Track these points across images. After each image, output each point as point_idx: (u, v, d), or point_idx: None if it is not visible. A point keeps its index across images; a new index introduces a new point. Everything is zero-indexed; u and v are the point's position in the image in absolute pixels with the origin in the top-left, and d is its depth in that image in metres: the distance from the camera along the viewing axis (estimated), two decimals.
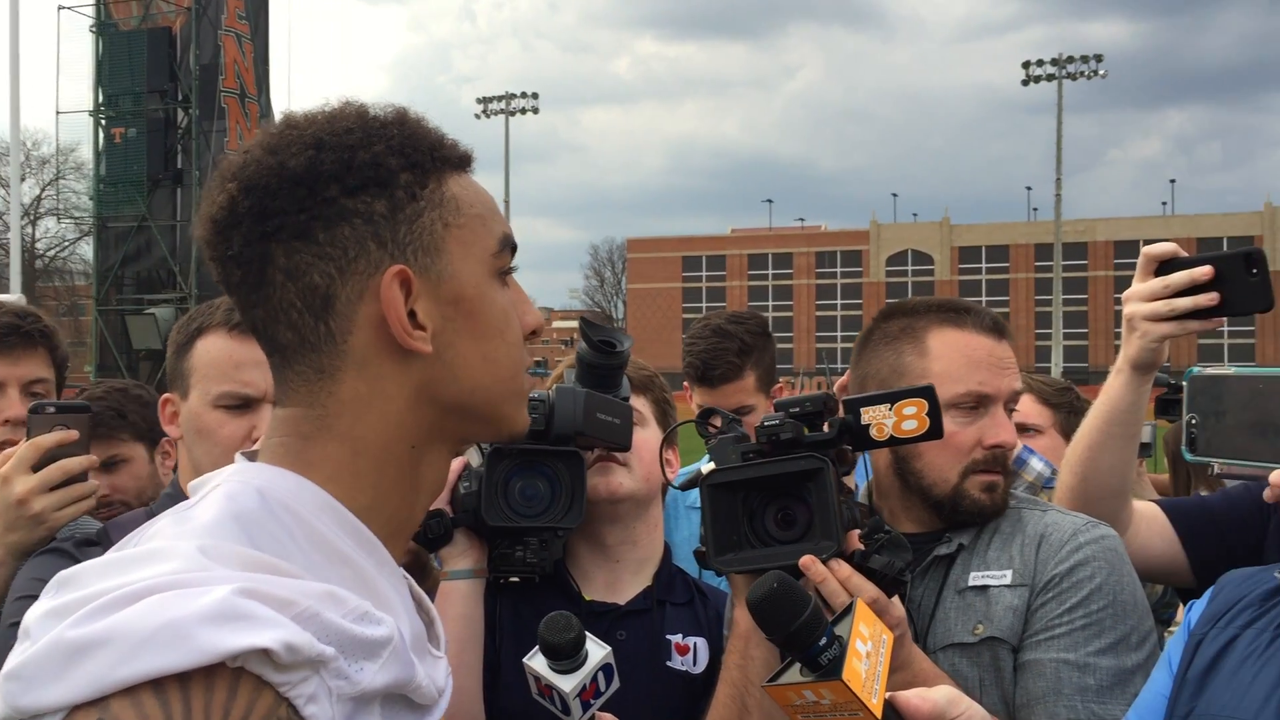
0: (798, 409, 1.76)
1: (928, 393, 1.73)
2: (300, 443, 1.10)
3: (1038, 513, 1.95)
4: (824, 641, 1.26)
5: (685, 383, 3.41)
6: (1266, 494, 1.57)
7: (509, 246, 1.17)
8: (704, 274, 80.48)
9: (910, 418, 1.73)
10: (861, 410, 1.75)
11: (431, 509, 1.88)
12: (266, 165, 1.09)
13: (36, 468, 1.90)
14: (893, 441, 1.75)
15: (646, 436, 2.08)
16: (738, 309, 3.96)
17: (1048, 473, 2.70)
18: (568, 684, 1.63)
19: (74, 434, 1.95)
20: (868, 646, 1.27)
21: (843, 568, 1.66)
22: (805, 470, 1.71)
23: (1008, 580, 1.86)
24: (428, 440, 1.13)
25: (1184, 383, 1.62)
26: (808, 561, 1.66)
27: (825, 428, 1.74)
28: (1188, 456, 1.55)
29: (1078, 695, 1.76)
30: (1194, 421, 1.54)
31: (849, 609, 1.32)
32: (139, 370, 20.88)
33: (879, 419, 1.74)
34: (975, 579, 1.88)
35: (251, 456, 1.13)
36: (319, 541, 1.04)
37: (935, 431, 1.73)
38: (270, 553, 0.99)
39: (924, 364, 1.94)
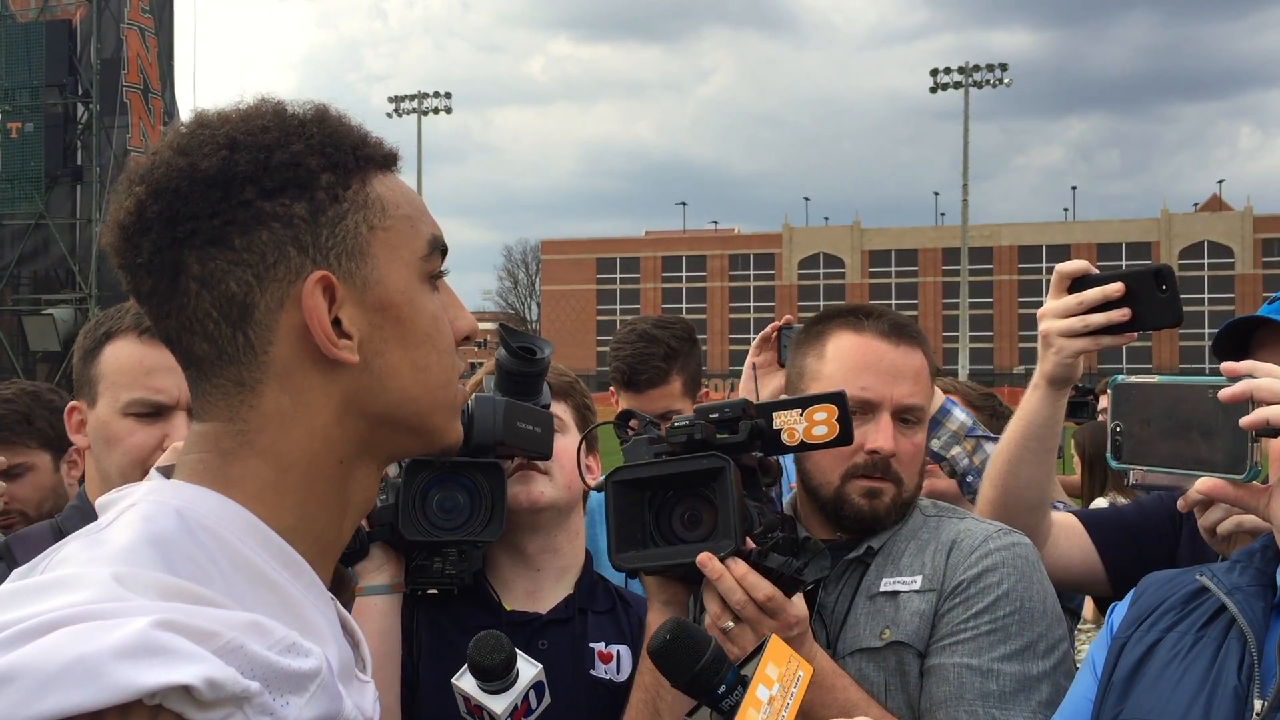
0: (716, 414, 1.77)
1: (838, 399, 1.76)
2: (220, 459, 1.04)
3: (954, 520, 1.98)
4: (726, 685, 1.28)
5: (611, 387, 3.41)
6: (1180, 503, 1.60)
7: (439, 249, 1.12)
8: (618, 276, 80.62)
9: (820, 423, 1.75)
10: (774, 415, 1.77)
11: None
12: (176, 167, 1.03)
13: None
14: (803, 446, 1.78)
15: (567, 443, 2.06)
16: (661, 314, 3.97)
17: (970, 422, 2.75)
18: (499, 705, 1.60)
19: None
20: (772, 690, 1.26)
21: (738, 565, 1.66)
22: (707, 469, 1.71)
23: (917, 586, 1.87)
24: (356, 455, 1.08)
25: (1108, 391, 1.65)
26: (703, 559, 1.66)
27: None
28: (1113, 464, 1.58)
29: (979, 700, 1.77)
30: (1119, 430, 1.57)
31: (760, 647, 1.32)
32: (36, 372, 20.20)
33: (790, 424, 1.76)
34: (886, 584, 1.89)
35: (168, 473, 1.07)
36: (243, 565, 0.99)
37: (845, 437, 1.76)
38: (191, 579, 0.94)
39: (819, 366, 1.99)
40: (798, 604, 1.70)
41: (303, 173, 1.03)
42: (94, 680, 0.82)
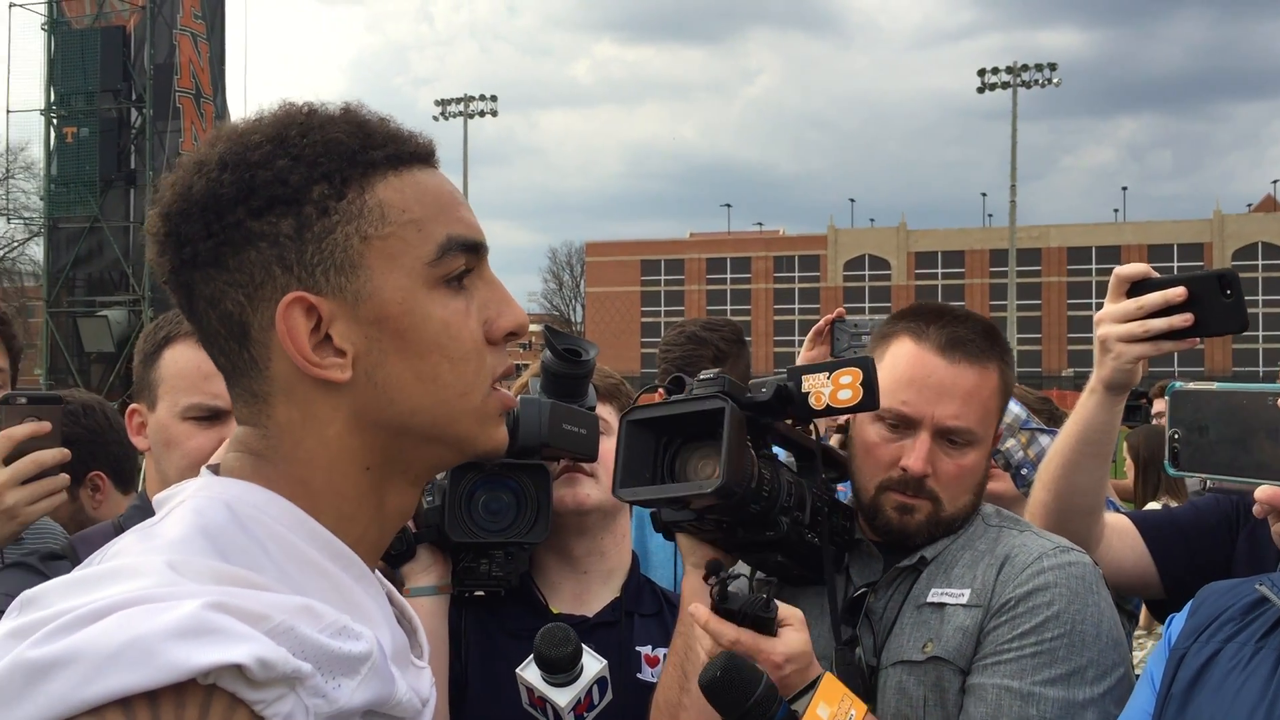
0: (765, 386, 1.78)
1: (865, 364, 1.74)
2: (254, 460, 1.06)
3: (1013, 533, 1.91)
4: None
5: (660, 390, 3.42)
6: (1256, 510, 1.55)
7: (458, 248, 1.06)
8: (662, 278, 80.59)
9: (845, 387, 1.73)
10: (803, 377, 1.75)
11: None
12: (180, 189, 1.04)
13: (8, 460, 1.84)
14: (829, 411, 1.75)
15: (613, 446, 2.05)
16: (706, 316, 3.97)
17: (1024, 415, 2.72)
18: (563, 698, 1.61)
19: (46, 426, 1.89)
20: None
21: (700, 612, 1.62)
22: (710, 410, 1.69)
23: (964, 600, 1.82)
24: (385, 463, 1.07)
25: (1166, 397, 1.62)
26: (694, 609, 1.64)
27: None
28: (1171, 471, 1.56)
29: None
30: (1177, 437, 1.54)
31: (815, 683, 1.31)
32: (90, 373, 20.58)
33: (817, 387, 1.74)
34: (934, 595, 1.85)
35: (214, 470, 1.09)
36: (293, 554, 1.00)
37: (870, 403, 1.73)
38: (242, 566, 0.95)
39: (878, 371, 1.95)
40: (787, 641, 1.62)
41: (288, 189, 1.02)
42: (148, 661, 0.83)
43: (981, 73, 47.96)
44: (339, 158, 1.03)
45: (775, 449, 1.88)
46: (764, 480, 1.73)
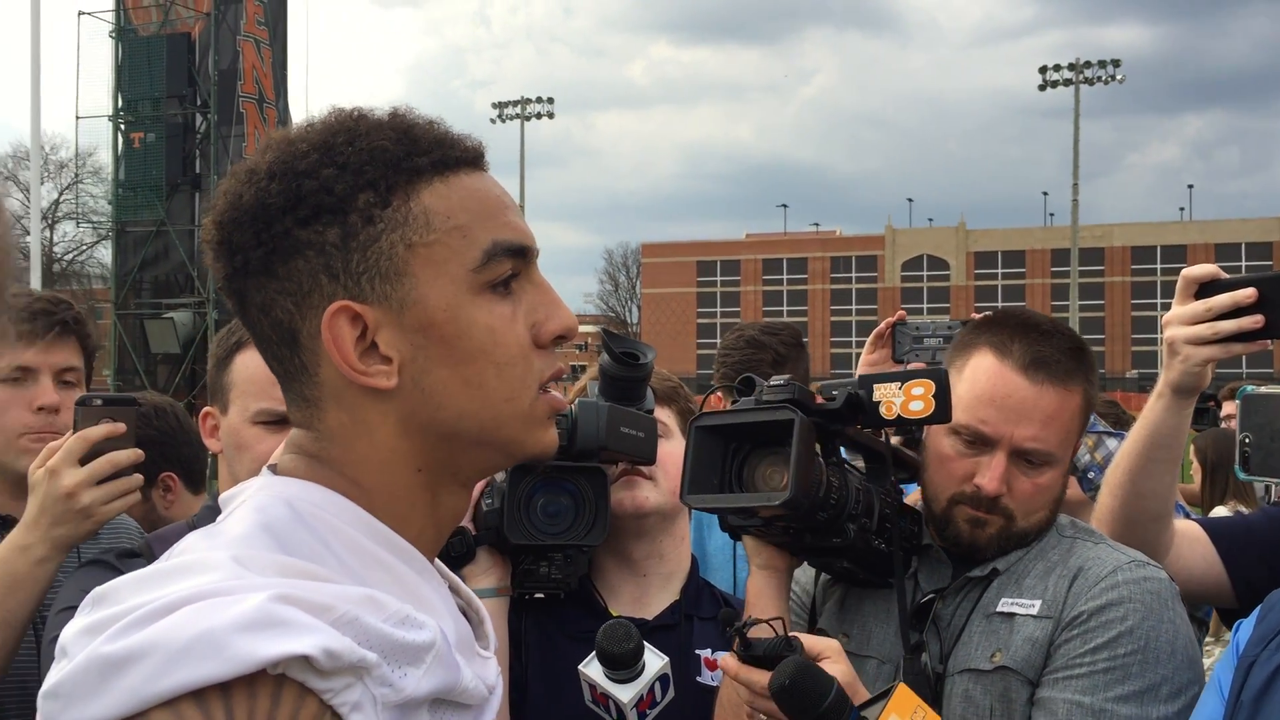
0: (836, 393, 1.77)
1: (938, 376, 1.72)
2: (311, 460, 1.08)
3: (1087, 545, 1.87)
4: None
5: (718, 392, 3.43)
6: None
7: (503, 253, 1.06)
8: (719, 279, 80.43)
9: (918, 398, 1.71)
10: (874, 386, 1.74)
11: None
12: (232, 198, 1.06)
13: (84, 461, 1.88)
14: (900, 421, 1.74)
15: (672, 448, 2.05)
16: (762, 316, 3.98)
17: (1098, 425, 2.68)
18: (625, 694, 1.61)
19: (121, 427, 1.93)
20: None
21: (729, 664, 1.60)
22: (779, 421, 1.69)
23: (1034, 611, 1.79)
24: (436, 466, 1.08)
25: (1237, 401, 1.59)
26: (723, 660, 1.63)
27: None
28: (1241, 475, 1.53)
29: None
30: (1248, 441, 1.51)
31: (888, 692, 1.31)
32: (157, 374, 20.98)
33: (889, 397, 1.73)
34: (1004, 605, 1.82)
35: (274, 469, 1.11)
36: (353, 547, 1.02)
37: (942, 415, 1.71)
38: (305, 559, 0.97)
39: (956, 381, 1.89)
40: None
41: (333, 198, 1.03)
42: (218, 653, 0.85)
43: (1043, 70, 47.25)
44: (384, 165, 1.04)
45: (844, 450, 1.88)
46: (832, 488, 1.73)
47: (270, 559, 0.95)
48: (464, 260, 1.05)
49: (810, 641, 1.60)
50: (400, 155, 1.05)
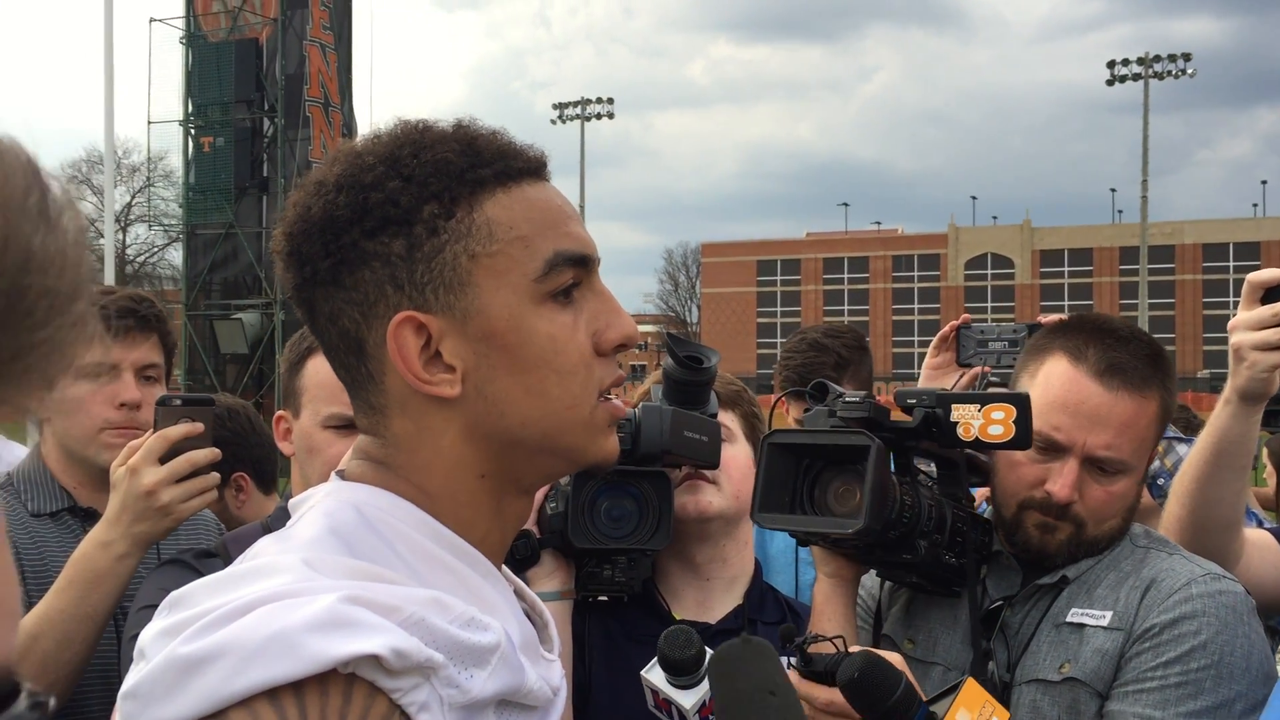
0: (913, 400, 1.76)
1: (1020, 401, 1.70)
2: (377, 466, 1.11)
3: (1161, 556, 1.84)
4: None
5: (781, 399, 3.43)
6: None
7: (565, 262, 1.08)
8: (779, 278, 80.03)
9: (998, 423, 1.70)
10: (953, 406, 1.73)
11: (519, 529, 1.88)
12: (301, 210, 1.09)
13: (163, 460, 1.92)
14: (978, 444, 1.73)
15: (735, 452, 2.06)
16: (822, 316, 3.97)
17: (1168, 431, 2.63)
18: (688, 700, 1.61)
19: (200, 427, 1.98)
20: None
21: (792, 677, 1.59)
22: (855, 445, 1.69)
23: (1105, 622, 1.76)
24: (499, 471, 1.10)
25: None
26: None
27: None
28: None
29: None
30: None
31: (955, 687, 1.31)
32: (226, 374, 21.39)
33: (967, 418, 1.72)
34: (1074, 615, 1.79)
35: (341, 475, 1.13)
36: (419, 551, 1.04)
37: (1022, 441, 1.69)
38: (371, 562, 1.00)
39: (1030, 386, 1.87)
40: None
41: (399, 210, 1.05)
42: (291, 653, 0.88)
43: (1111, 64, 46.40)
44: (448, 177, 1.06)
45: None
46: (905, 507, 1.73)
47: (338, 562, 0.98)
48: (526, 270, 1.07)
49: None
50: (464, 167, 1.07)
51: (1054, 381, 1.84)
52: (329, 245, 1.06)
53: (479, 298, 1.06)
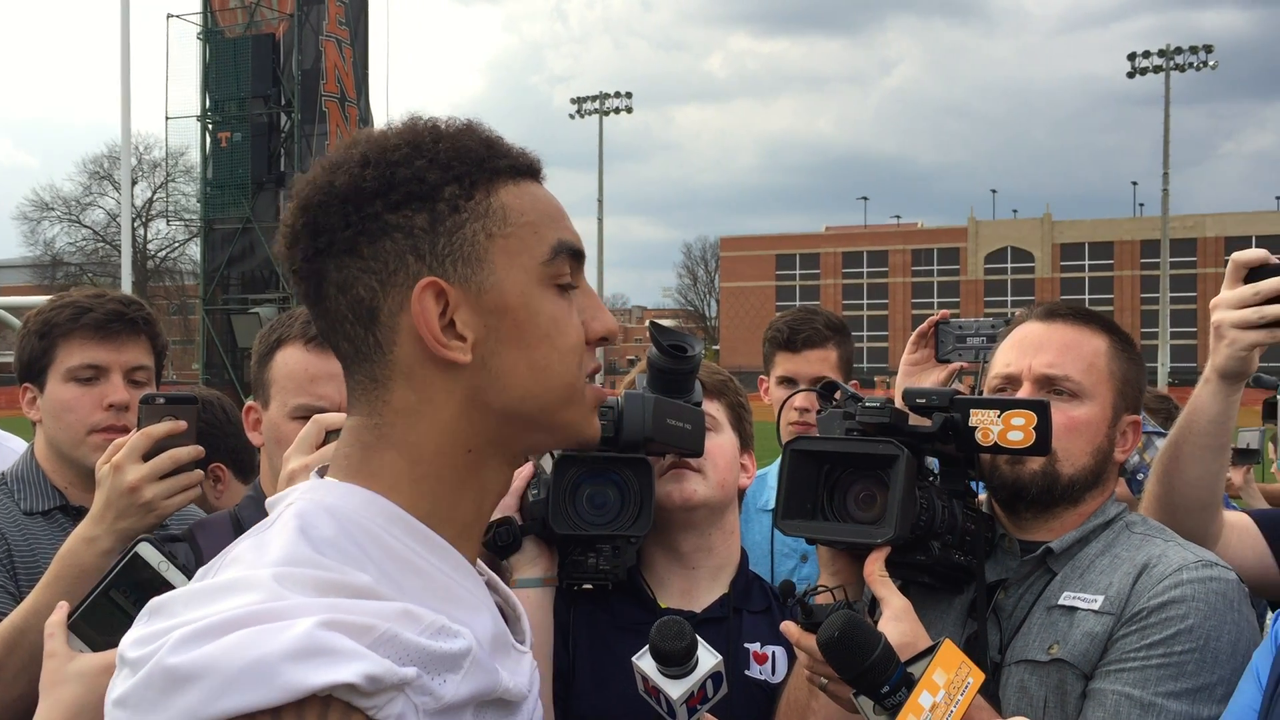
0: (923, 400, 1.77)
1: (1040, 408, 1.72)
2: (362, 452, 1.14)
3: (1157, 542, 1.85)
4: (891, 684, 1.31)
5: (766, 361, 3.50)
6: None
7: (565, 253, 1.17)
8: (798, 272, 79.88)
9: (1017, 429, 1.72)
10: (971, 411, 1.75)
11: (500, 517, 1.88)
12: (321, 184, 1.14)
13: (147, 457, 1.94)
14: (997, 449, 1.75)
15: (721, 442, 2.05)
16: (841, 310, 4.05)
17: (1147, 425, 2.64)
18: (675, 690, 1.62)
19: (183, 424, 1.99)
20: (936, 697, 1.28)
21: (791, 630, 1.69)
22: (882, 455, 1.71)
23: (1096, 606, 1.78)
24: (486, 445, 1.15)
25: None
26: (785, 626, 1.72)
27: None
28: None
29: None
30: None
31: (933, 648, 1.32)
32: (243, 367, 21.54)
33: (986, 424, 1.74)
34: (1066, 598, 1.81)
35: (322, 472, 1.18)
36: (390, 554, 1.08)
37: (1042, 447, 1.71)
38: (341, 566, 1.03)
39: (998, 353, 2.01)
40: (886, 631, 1.61)
41: (424, 186, 1.12)
42: (268, 682, 0.91)
43: (1132, 56, 46.04)
44: (469, 162, 1.14)
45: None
46: (922, 509, 1.74)
47: (308, 576, 1.01)
48: (534, 254, 1.15)
49: (885, 592, 1.65)
50: (484, 155, 1.15)
51: (1012, 336, 2.00)
52: (350, 216, 1.11)
53: (494, 273, 1.13)
